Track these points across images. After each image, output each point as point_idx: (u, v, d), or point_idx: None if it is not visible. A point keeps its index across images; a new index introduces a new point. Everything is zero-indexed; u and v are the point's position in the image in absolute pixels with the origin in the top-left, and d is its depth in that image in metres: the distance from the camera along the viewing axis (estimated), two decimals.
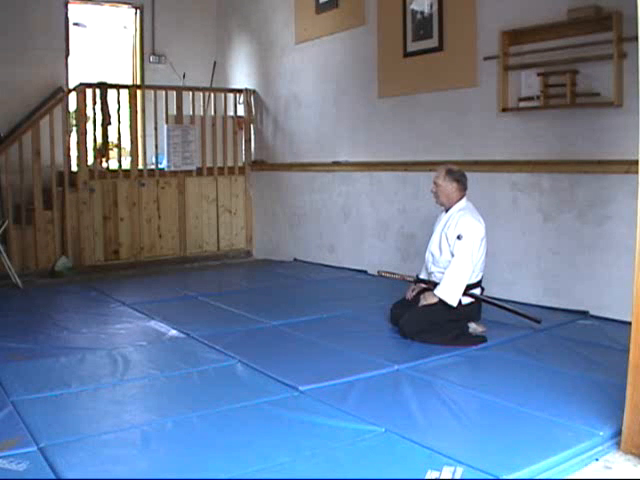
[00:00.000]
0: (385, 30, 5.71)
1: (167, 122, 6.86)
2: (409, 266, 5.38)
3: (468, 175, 5.06)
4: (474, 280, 3.89)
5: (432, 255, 4.02)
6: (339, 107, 6.32)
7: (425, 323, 3.81)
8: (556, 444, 2.42)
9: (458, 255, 3.78)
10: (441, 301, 3.81)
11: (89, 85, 6.45)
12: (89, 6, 7.41)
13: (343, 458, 2.35)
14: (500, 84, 4.70)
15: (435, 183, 3.96)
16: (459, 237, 3.80)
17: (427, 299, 3.87)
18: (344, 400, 2.90)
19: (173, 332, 4.10)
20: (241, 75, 7.66)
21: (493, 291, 4.84)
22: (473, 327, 3.93)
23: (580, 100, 4.26)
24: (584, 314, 4.29)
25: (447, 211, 4.00)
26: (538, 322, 3.99)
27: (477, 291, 3.95)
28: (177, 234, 7.05)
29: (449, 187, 3.93)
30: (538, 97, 4.47)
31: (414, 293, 4.03)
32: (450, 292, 3.78)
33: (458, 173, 3.97)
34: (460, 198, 3.97)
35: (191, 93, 7.06)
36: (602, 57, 4.09)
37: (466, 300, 3.87)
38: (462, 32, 5.02)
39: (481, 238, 3.86)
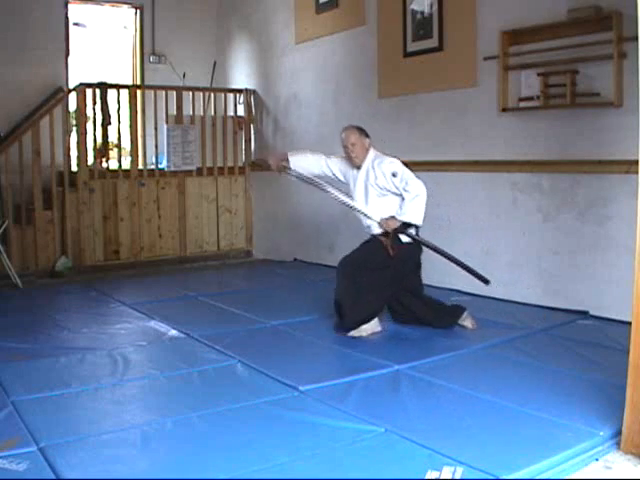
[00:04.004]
0: (385, 30, 5.71)
1: (167, 122, 6.86)
2: None
3: (468, 175, 5.09)
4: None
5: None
6: (339, 107, 6.32)
7: (362, 293, 3.87)
8: (556, 444, 2.42)
9: (407, 182, 3.84)
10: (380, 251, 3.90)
11: (89, 85, 6.45)
12: (89, 6, 7.40)
13: (343, 458, 2.35)
14: (500, 84, 4.70)
15: (352, 144, 4.01)
16: (394, 174, 3.88)
17: (389, 224, 3.90)
18: (344, 400, 2.90)
19: (173, 332, 4.10)
20: (241, 75, 7.65)
21: (493, 291, 4.85)
22: (464, 317, 3.98)
23: (580, 100, 4.25)
24: (584, 314, 4.29)
25: (359, 168, 4.05)
26: (487, 283, 3.94)
27: (412, 231, 3.95)
28: (177, 234, 7.04)
29: (365, 143, 4.04)
30: (538, 97, 4.47)
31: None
32: (414, 212, 3.84)
33: (363, 129, 4.11)
34: (369, 150, 4.06)
35: (191, 93, 7.06)
36: (602, 57, 4.08)
37: (405, 239, 3.90)
38: (462, 32, 5.02)
39: None
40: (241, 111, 7.46)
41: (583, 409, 2.73)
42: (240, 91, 7.46)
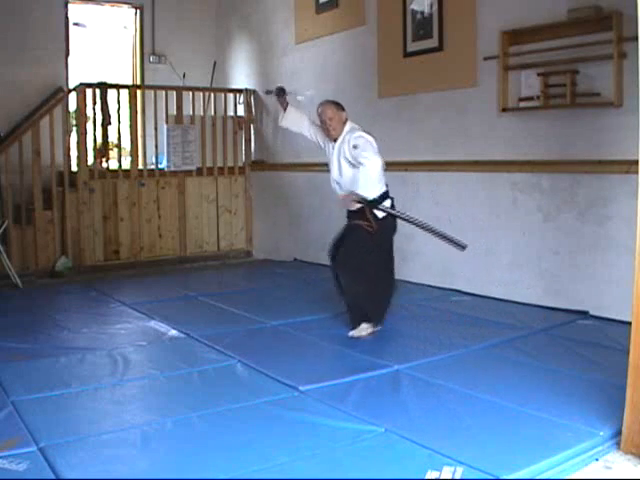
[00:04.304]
0: (385, 30, 5.70)
1: (167, 122, 6.86)
2: (409, 266, 5.38)
3: (468, 175, 5.09)
4: (380, 192, 3.90)
5: (338, 183, 4.09)
6: None
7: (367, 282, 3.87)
8: (556, 444, 2.42)
9: (363, 155, 3.81)
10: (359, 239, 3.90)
11: (89, 85, 6.45)
12: (89, 6, 7.40)
13: (343, 458, 2.35)
14: (500, 84, 4.70)
15: (329, 119, 4.03)
16: (355, 147, 3.87)
17: (346, 203, 3.92)
18: (344, 400, 2.90)
19: (173, 332, 4.10)
20: (241, 75, 7.65)
21: (493, 291, 4.85)
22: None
23: (580, 100, 4.25)
24: (584, 314, 4.29)
25: (336, 140, 4.07)
26: (463, 248, 3.93)
27: (387, 203, 3.96)
28: (177, 234, 7.04)
29: (342, 116, 4.06)
30: (538, 97, 4.47)
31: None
32: (365, 187, 3.80)
33: (339, 103, 4.15)
34: (345, 124, 4.07)
35: (191, 93, 7.06)
36: (602, 57, 4.08)
37: (380, 214, 3.91)
38: (462, 32, 5.02)
39: (376, 144, 3.91)
40: (241, 111, 7.46)
41: (583, 409, 2.73)
42: (240, 91, 7.46)
